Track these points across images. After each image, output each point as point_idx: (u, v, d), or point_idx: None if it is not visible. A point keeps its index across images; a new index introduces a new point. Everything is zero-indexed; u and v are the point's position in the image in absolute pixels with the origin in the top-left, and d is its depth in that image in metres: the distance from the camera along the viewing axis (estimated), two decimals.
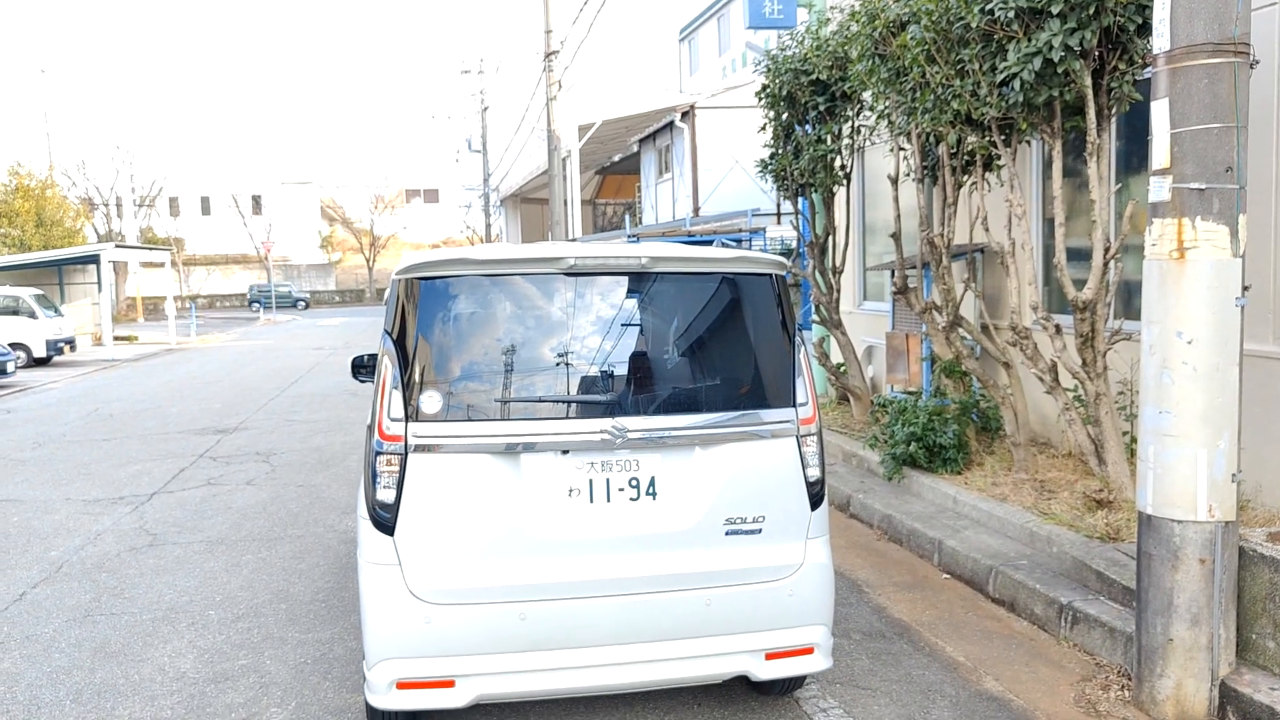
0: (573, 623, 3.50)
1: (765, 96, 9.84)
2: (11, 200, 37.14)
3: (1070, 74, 5.63)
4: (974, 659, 4.69)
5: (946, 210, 7.42)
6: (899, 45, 6.73)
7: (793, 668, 3.73)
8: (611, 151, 30.72)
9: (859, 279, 11.81)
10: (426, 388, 3.50)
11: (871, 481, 7.80)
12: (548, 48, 21.17)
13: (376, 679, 3.45)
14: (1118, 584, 4.84)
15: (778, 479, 3.69)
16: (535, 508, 3.50)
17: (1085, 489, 6.13)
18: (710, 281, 3.86)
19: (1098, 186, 5.82)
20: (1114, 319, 6.53)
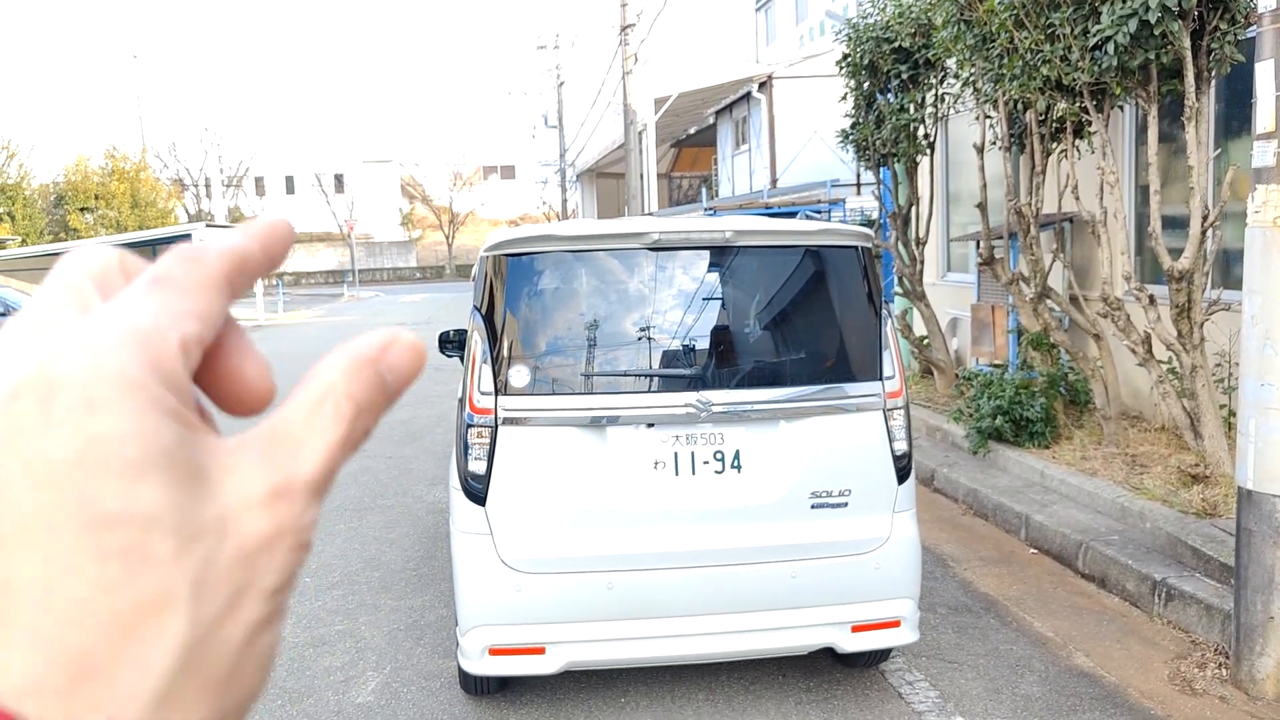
0: (659, 593, 3.55)
1: (846, 65, 9.70)
2: (108, 182, 38.55)
3: (1168, 35, 5.43)
4: (1063, 634, 4.63)
5: (1035, 179, 7.25)
6: (985, 10, 6.57)
7: (879, 641, 3.74)
8: (687, 124, 30.56)
9: (943, 250, 11.61)
10: (515, 362, 3.57)
11: (956, 455, 7.70)
12: (624, 20, 21.12)
13: (470, 645, 3.55)
14: (1214, 560, 4.72)
15: (863, 452, 3.68)
16: (621, 480, 3.55)
17: (1180, 463, 5.98)
18: (794, 254, 3.85)
19: (1196, 152, 5.63)
20: (1212, 289, 6.32)
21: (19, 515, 0.27)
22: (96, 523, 0.27)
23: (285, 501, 0.30)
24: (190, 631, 0.28)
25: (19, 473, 0.27)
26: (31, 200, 37.74)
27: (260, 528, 0.30)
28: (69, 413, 0.27)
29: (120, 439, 0.27)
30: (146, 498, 0.28)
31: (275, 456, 0.31)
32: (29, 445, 0.27)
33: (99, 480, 0.27)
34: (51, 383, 0.28)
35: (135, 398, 0.28)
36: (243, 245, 0.33)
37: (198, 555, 0.28)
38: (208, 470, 0.29)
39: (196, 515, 0.28)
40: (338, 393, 0.32)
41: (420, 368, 0.34)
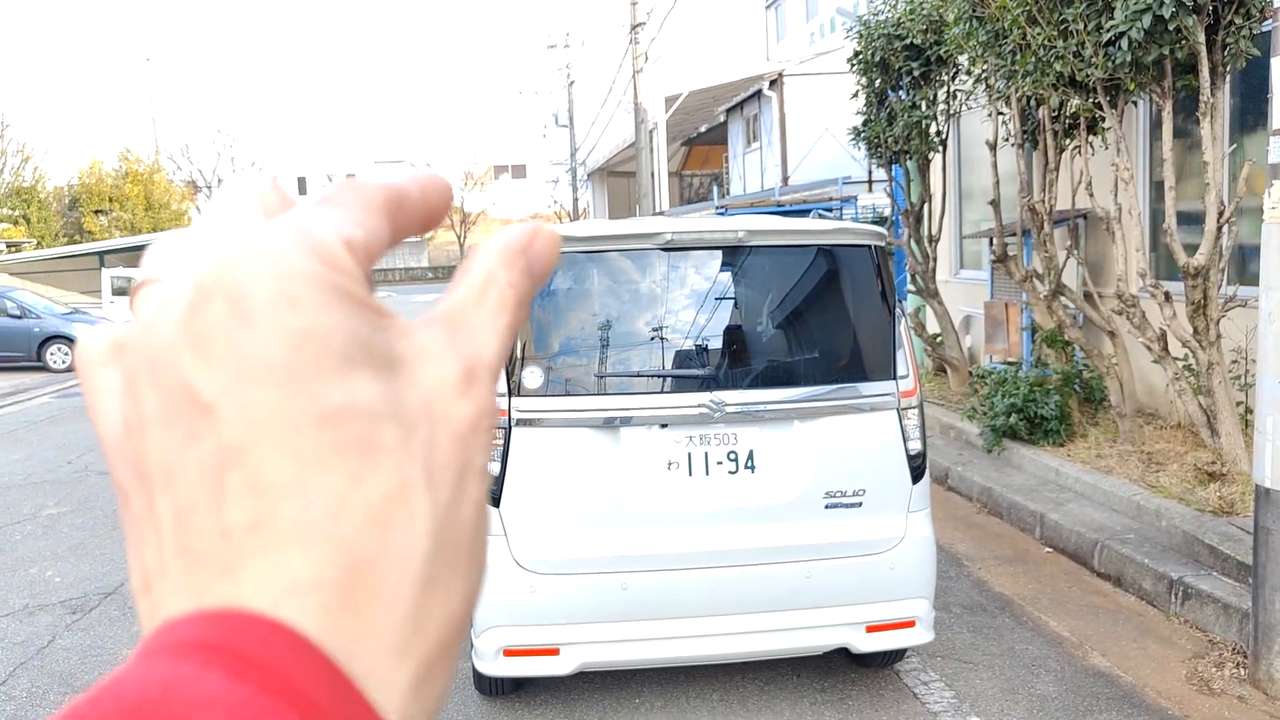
0: (673, 594, 3.55)
1: (857, 63, 9.67)
2: (122, 185, 38.75)
3: (1182, 30, 5.40)
4: (1079, 634, 4.61)
5: (1048, 175, 7.21)
6: (998, 7, 6.54)
7: (894, 641, 3.73)
8: (698, 122, 30.52)
9: (955, 247, 11.57)
10: (528, 363, 3.57)
11: (970, 454, 7.68)
12: (634, 19, 21.11)
13: (484, 646, 3.55)
14: (1232, 559, 4.69)
15: (878, 452, 3.67)
16: (635, 480, 3.55)
17: (1196, 461, 5.94)
18: (807, 254, 3.84)
19: (1211, 147, 5.59)
20: (1228, 285, 6.28)
21: (252, 417, 0.27)
22: (329, 417, 0.27)
23: (478, 385, 0.31)
24: (434, 515, 0.28)
25: (236, 374, 0.27)
26: (46, 203, 37.96)
27: (464, 411, 0.30)
28: (271, 312, 0.27)
29: (326, 333, 0.27)
30: (364, 389, 0.28)
31: (457, 341, 0.31)
32: (236, 347, 0.27)
33: (318, 376, 0.27)
34: (239, 283, 0.27)
35: (327, 292, 0.28)
36: (402, 183, 0.34)
37: (420, 441, 0.29)
38: (403, 356, 0.30)
39: (408, 403, 0.29)
40: (499, 281, 0.33)
41: (558, 254, 0.35)
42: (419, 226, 0.33)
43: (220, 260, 0.28)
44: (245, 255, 0.28)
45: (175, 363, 0.28)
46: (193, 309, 0.28)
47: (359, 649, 0.27)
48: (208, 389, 0.27)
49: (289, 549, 0.27)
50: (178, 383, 0.27)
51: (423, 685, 0.28)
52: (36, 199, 37.29)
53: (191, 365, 0.27)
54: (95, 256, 28.75)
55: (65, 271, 28.84)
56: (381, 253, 0.31)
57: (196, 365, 0.27)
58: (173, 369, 0.28)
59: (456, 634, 0.30)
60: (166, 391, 0.28)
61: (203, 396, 0.27)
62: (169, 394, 0.28)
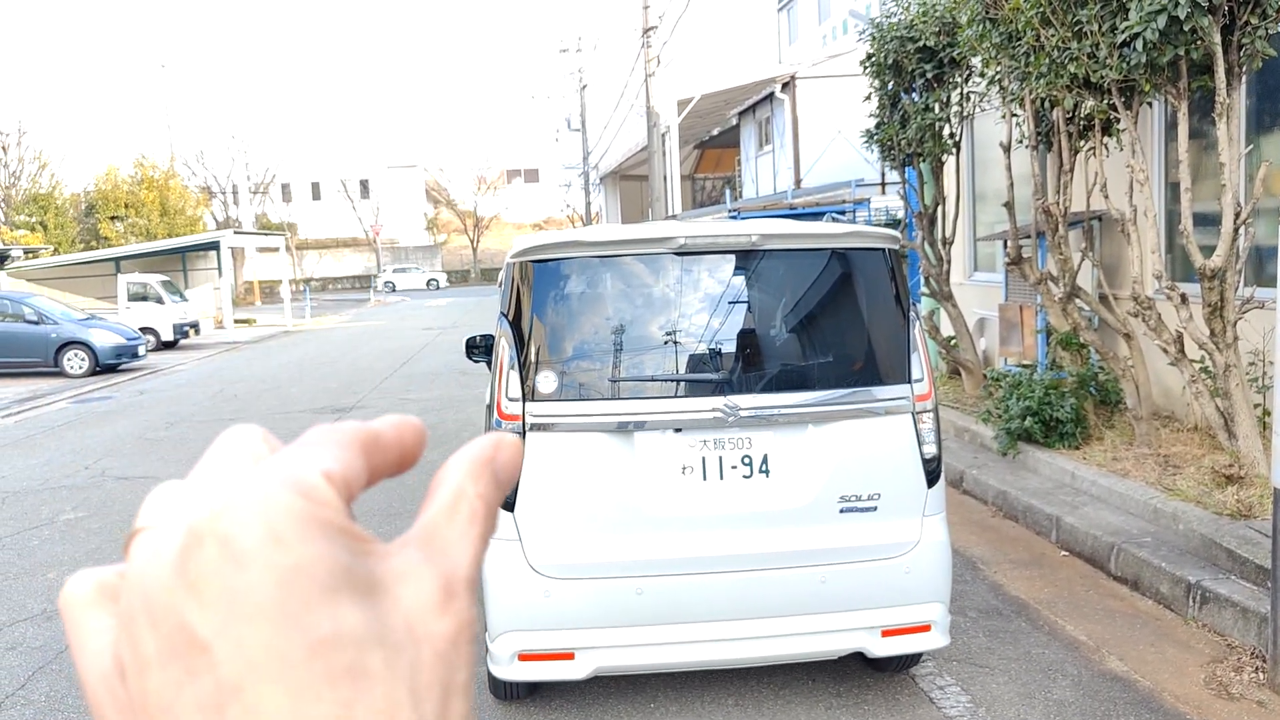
0: (688, 598, 3.55)
1: (870, 65, 9.66)
2: (138, 191, 38.98)
3: (1198, 31, 5.37)
4: (1096, 638, 4.59)
5: (1062, 177, 7.19)
6: (1011, 8, 6.52)
7: (909, 645, 3.71)
8: (710, 125, 30.52)
9: (969, 250, 11.53)
10: (542, 368, 3.58)
11: (985, 457, 7.65)
12: (645, 23, 21.14)
13: (499, 651, 3.56)
14: (1250, 562, 4.66)
15: (893, 456, 3.66)
16: (649, 485, 3.55)
17: (1213, 464, 5.90)
18: (821, 257, 3.84)
19: (1228, 148, 5.56)
20: (1245, 286, 6.24)
21: (248, 654, 0.28)
22: (319, 648, 0.29)
23: (455, 600, 0.32)
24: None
25: (230, 613, 0.28)
26: (63, 209, 38.22)
27: (444, 629, 0.32)
28: (258, 550, 0.29)
29: (311, 566, 0.29)
30: (349, 617, 0.29)
31: (433, 559, 0.33)
32: (229, 587, 0.29)
33: (306, 609, 0.29)
34: (229, 526, 0.29)
35: (310, 525, 0.30)
36: (377, 425, 0.36)
37: (405, 664, 0.30)
38: (383, 580, 0.31)
39: (391, 626, 0.30)
40: (469, 495, 0.34)
41: (520, 464, 0.37)
42: (394, 464, 0.35)
43: (210, 506, 0.30)
44: (233, 499, 0.30)
45: (172, 605, 0.29)
46: (186, 553, 0.29)
47: None
48: (204, 629, 0.29)
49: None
50: (175, 624, 0.29)
51: None
52: (53, 206, 37.53)
53: (187, 606, 0.29)
54: (111, 263, 28.91)
55: (82, 278, 29.00)
56: (360, 487, 0.33)
57: (192, 606, 0.29)
58: (170, 611, 0.29)
59: None
60: (165, 633, 0.29)
61: (200, 636, 0.29)
62: (167, 635, 0.29)
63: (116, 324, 19.86)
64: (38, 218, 36.68)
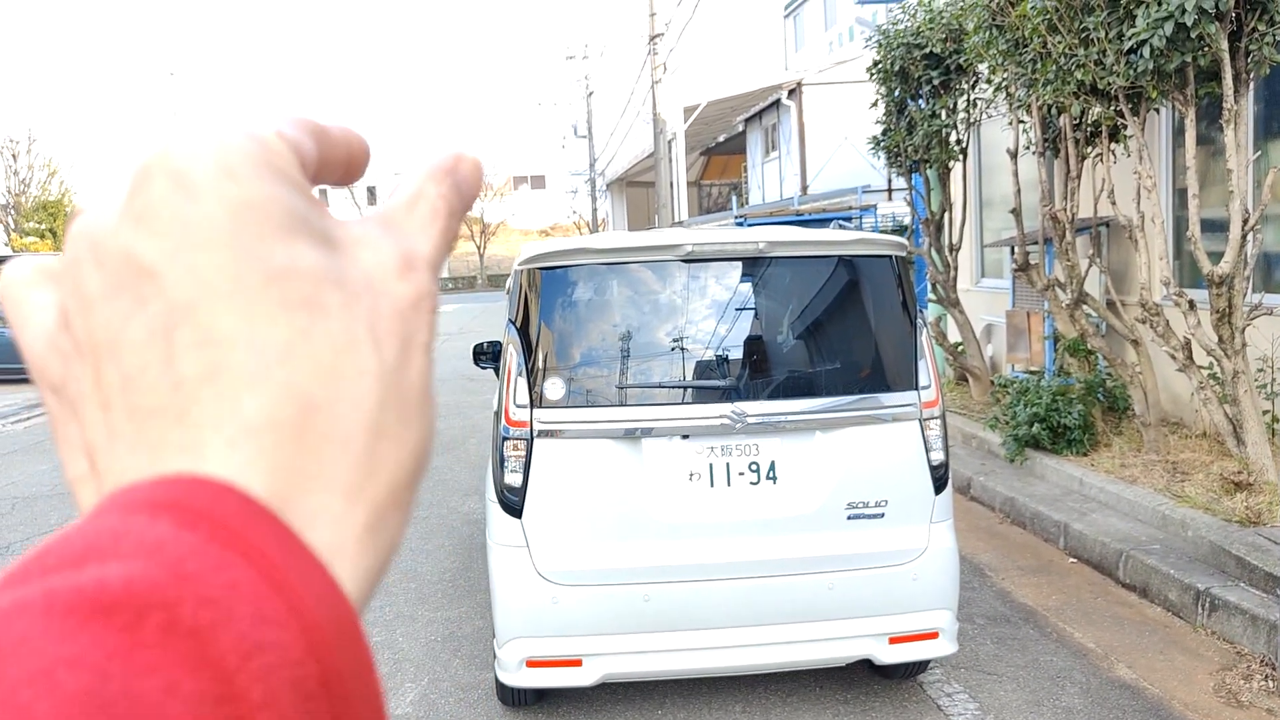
0: (696, 605, 3.55)
1: (877, 72, 9.66)
2: None
3: (1205, 38, 5.37)
4: (1104, 645, 4.58)
5: (1070, 184, 7.18)
6: (1018, 15, 6.53)
7: (917, 652, 3.71)
8: (716, 132, 30.56)
9: (976, 256, 11.52)
10: (550, 375, 3.59)
11: (992, 463, 7.63)
12: (652, 30, 21.18)
13: (507, 657, 3.56)
14: (1259, 570, 4.64)
15: (900, 463, 3.67)
16: (657, 491, 3.55)
17: (1222, 471, 5.89)
18: (828, 264, 3.85)
19: (1235, 155, 5.55)
20: (1253, 293, 6.23)
21: (200, 277, 0.28)
22: (274, 276, 0.28)
23: (415, 271, 0.32)
24: (380, 370, 0.30)
25: (181, 240, 0.28)
26: (72, 217, 38.34)
27: (404, 291, 0.31)
28: (211, 183, 0.28)
29: (267, 202, 0.29)
30: (305, 255, 0.29)
31: (392, 235, 0.33)
32: (181, 215, 0.28)
33: (260, 240, 0.28)
34: (180, 161, 0.29)
35: (264, 168, 0.29)
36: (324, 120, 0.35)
37: (363, 308, 0.30)
38: (338, 238, 0.31)
39: (349, 274, 0.30)
40: (429, 194, 0.34)
41: (481, 178, 0.37)
42: (342, 162, 0.35)
43: (160, 145, 0.29)
44: (184, 139, 0.29)
45: (119, 240, 0.29)
46: (135, 190, 0.29)
47: (312, 487, 0.28)
48: (153, 256, 0.28)
49: (242, 393, 0.28)
50: (123, 257, 0.28)
51: (375, 530, 0.29)
52: (63, 213, 37.70)
53: (136, 238, 0.28)
54: None
55: None
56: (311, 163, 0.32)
57: (141, 237, 0.28)
58: (116, 246, 0.29)
59: (408, 484, 0.31)
60: (111, 268, 0.29)
61: (148, 264, 0.28)
62: (113, 269, 0.29)
63: None
64: (47, 225, 36.87)
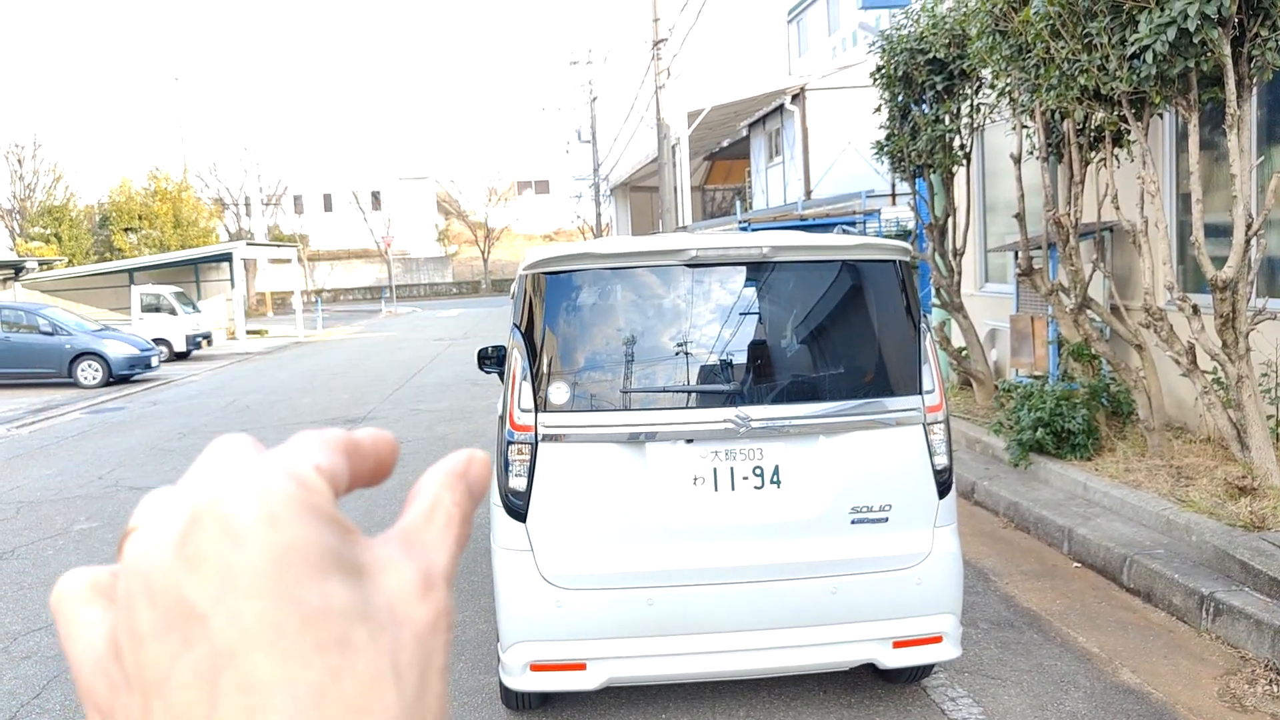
0: (700, 609, 3.56)
1: (880, 77, 9.68)
2: (151, 203, 39.25)
3: (1207, 43, 5.38)
4: (1108, 650, 4.58)
5: (1073, 188, 7.19)
6: (1021, 21, 6.54)
7: (920, 656, 3.71)
8: (720, 137, 30.59)
9: (980, 261, 11.53)
10: (554, 379, 3.60)
11: (996, 468, 7.63)
12: (656, 36, 21.22)
13: (511, 661, 3.57)
14: (1264, 574, 4.64)
15: (904, 467, 3.67)
16: (661, 495, 3.56)
17: (1226, 475, 5.88)
18: (832, 269, 3.86)
19: (1238, 160, 5.56)
20: (1257, 298, 6.23)
21: (243, 623, 0.30)
22: (309, 620, 0.31)
23: (434, 590, 0.35)
24: (401, 704, 0.32)
25: (227, 586, 0.30)
26: (77, 221, 38.51)
27: (424, 614, 0.34)
28: (255, 529, 0.31)
29: (304, 545, 0.31)
30: (338, 593, 0.32)
31: (413, 554, 0.35)
32: (227, 561, 0.31)
33: (298, 583, 0.31)
34: (228, 507, 0.31)
35: (303, 509, 0.32)
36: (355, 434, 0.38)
37: (387, 641, 0.32)
38: (368, 566, 0.34)
39: (375, 605, 0.33)
40: (445, 503, 0.37)
41: (489, 478, 0.40)
42: (371, 471, 0.38)
43: (210, 492, 0.32)
44: (231, 485, 0.32)
45: (171, 580, 0.31)
46: (186, 533, 0.31)
47: None
48: (201, 600, 0.30)
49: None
50: (174, 598, 0.31)
51: None
52: (68, 218, 37.82)
53: (186, 581, 0.31)
54: (125, 274, 29.11)
55: (96, 289, 29.22)
56: (343, 486, 0.35)
57: (190, 581, 0.31)
58: (168, 586, 0.31)
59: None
60: (163, 607, 0.31)
61: (197, 608, 0.31)
62: (165, 609, 0.31)
63: (130, 335, 19.97)
64: (52, 230, 36.95)
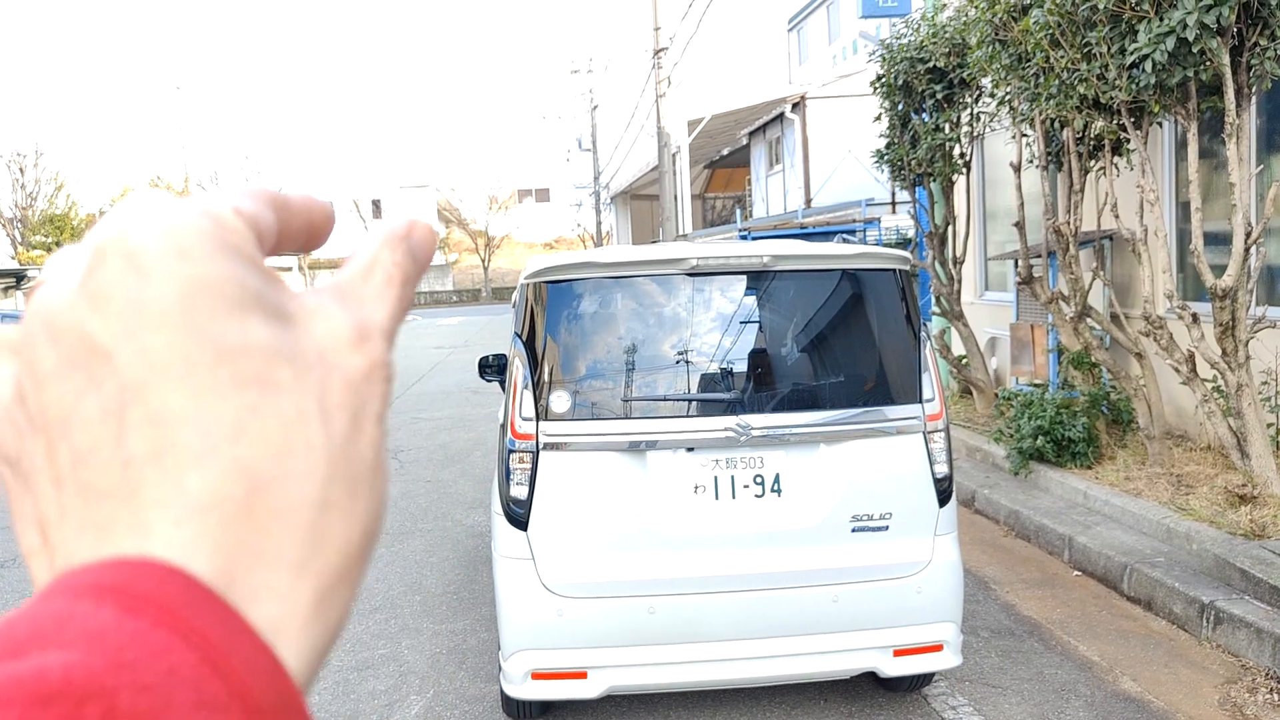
0: (700, 617, 3.56)
1: (880, 86, 9.71)
2: None
3: (1206, 53, 5.40)
4: (1109, 658, 4.58)
5: (1073, 197, 7.20)
6: (1020, 30, 6.57)
7: (921, 665, 3.72)
8: (720, 145, 30.64)
9: (980, 269, 11.54)
10: (556, 388, 3.61)
11: (996, 476, 7.64)
12: (656, 44, 21.28)
13: (512, 669, 3.57)
14: (1264, 583, 4.64)
15: (904, 476, 3.68)
16: (662, 504, 3.57)
17: (1226, 484, 5.88)
18: (832, 278, 3.87)
19: (1238, 168, 5.57)
20: (1256, 306, 6.24)
21: (151, 357, 0.29)
22: (225, 355, 0.29)
23: (369, 341, 0.33)
24: (329, 445, 0.31)
25: (133, 321, 0.29)
26: (79, 230, 38.57)
27: (357, 362, 0.32)
28: (163, 262, 0.29)
29: (219, 280, 0.29)
30: (257, 331, 0.30)
31: (348, 306, 0.34)
32: (133, 295, 0.29)
33: (212, 319, 0.29)
34: (134, 241, 0.29)
35: (218, 245, 0.30)
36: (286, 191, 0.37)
37: (313, 382, 0.31)
38: (292, 311, 0.32)
39: (300, 348, 0.31)
40: (384, 261, 0.35)
41: (435, 244, 0.38)
42: (302, 231, 0.36)
43: (115, 226, 0.30)
44: (138, 219, 0.30)
45: (73, 318, 0.29)
46: (90, 270, 0.30)
47: (259, 563, 0.29)
48: (106, 337, 0.29)
49: (189, 471, 0.29)
50: (77, 336, 0.29)
51: (323, 605, 0.30)
52: (69, 226, 37.89)
53: (90, 318, 0.29)
54: None
55: None
56: (269, 238, 0.33)
57: (95, 317, 0.29)
58: (71, 325, 0.29)
59: (356, 560, 0.31)
60: (66, 347, 0.30)
61: (101, 344, 0.29)
62: (68, 348, 0.29)
63: None
64: (54, 238, 37.03)
